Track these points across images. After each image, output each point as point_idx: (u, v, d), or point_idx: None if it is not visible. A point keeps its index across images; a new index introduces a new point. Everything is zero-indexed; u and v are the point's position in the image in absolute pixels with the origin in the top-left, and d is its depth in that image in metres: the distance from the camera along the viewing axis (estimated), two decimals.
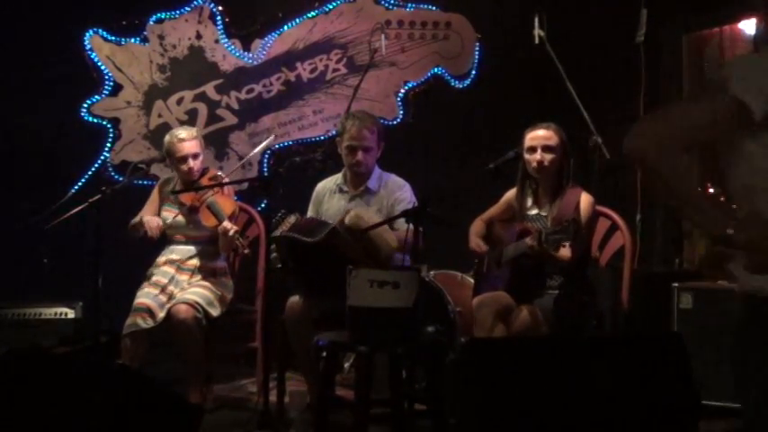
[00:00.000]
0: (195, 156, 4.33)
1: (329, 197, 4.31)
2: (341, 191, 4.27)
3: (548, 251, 3.52)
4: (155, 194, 4.50)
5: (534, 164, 3.79)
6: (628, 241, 3.94)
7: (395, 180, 4.26)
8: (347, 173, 4.28)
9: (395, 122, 5.54)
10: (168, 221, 4.34)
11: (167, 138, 4.38)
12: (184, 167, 4.32)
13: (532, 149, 3.80)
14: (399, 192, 4.19)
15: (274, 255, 4.01)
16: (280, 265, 4.02)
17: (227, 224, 4.19)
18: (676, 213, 2.94)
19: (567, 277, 3.74)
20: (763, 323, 1.89)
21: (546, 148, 3.78)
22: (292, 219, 4.06)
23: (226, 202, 4.33)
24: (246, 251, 4.21)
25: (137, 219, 4.38)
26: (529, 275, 3.72)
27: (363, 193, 4.22)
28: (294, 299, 4.03)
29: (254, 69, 5.64)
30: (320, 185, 4.39)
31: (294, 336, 3.99)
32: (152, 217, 4.35)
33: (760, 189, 1.87)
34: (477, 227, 4.03)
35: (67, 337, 4.64)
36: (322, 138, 5.57)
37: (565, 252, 3.61)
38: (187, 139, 4.32)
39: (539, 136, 3.81)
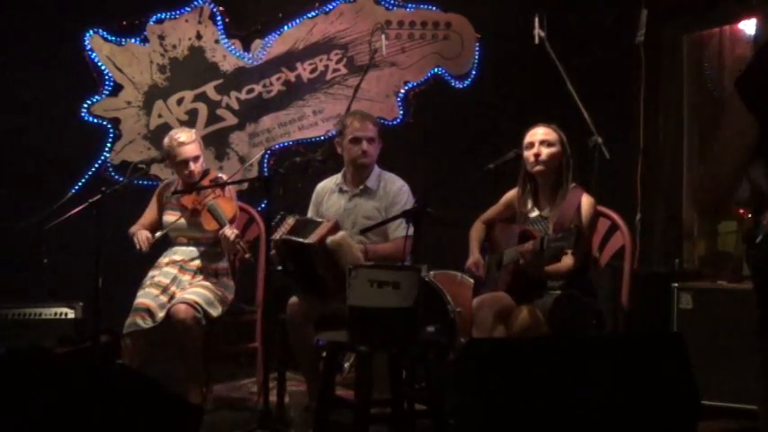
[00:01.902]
0: (196, 159, 4.32)
1: (329, 197, 4.33)
2: (341, 190, 4.29)
3: (542, 264, 3.52)
4: (154, 200, 4.49)
5: (532, 158, 3.78)
6: (628, 241, 3.94)
7: (394, 180, 4.27)
8: (347, 172, 4.29)
9: (395, 122, 5.54)
10: (169, 223, 4.32)
11: (166, 141, 4.36)
12: (185, 171, 4.31)
13: (530, 145, 3.80)
14: (398, 194, 4.21)
15: (274, 254, 4.02)
16: (279, 267, 4.03)
17: (227, 230, 4.17)
18: None
19: (569, 279, 3.73)
20: None
21: (544, 143, 3.78)
22: (291, 221, 4.06)
23: (227, 205, 4.31)
24: (248, 256, 4.19)
25: (135, 227, 4.38)
26: (529, 276, 3.72)
27: (363, 192, 4.23)
28: (295, 299, 4.03)
29: (255, 69, 5.64)
30: (320, 185, 4.41)
31: (295, 336, 4.00)
32: (141, 230, 4.32)
33: None
34: (477, 231, 4.02)
35: (67, 337, 4.63)
36: (322, 138, 5.56)
37: (567, 261, 3.59)
38: (187, 143, 4.30)
39: (537, 132, 3.82)
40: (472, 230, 4.03)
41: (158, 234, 4.32)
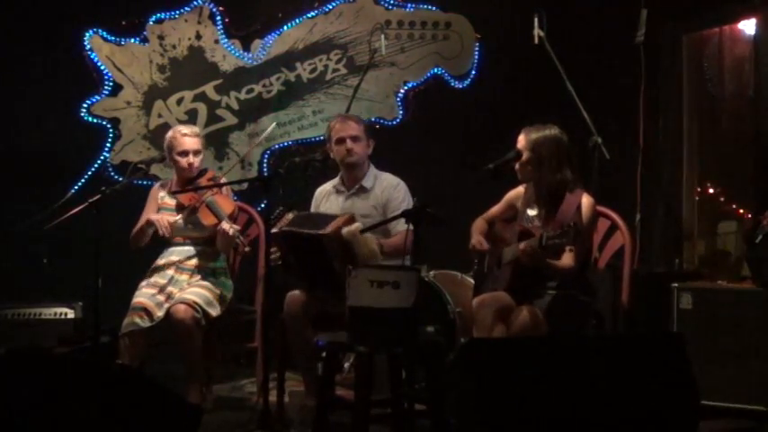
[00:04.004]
0: (196, 152, 4.34)
1: (326, 199, 4.37)
2: (337, 191, 4.33)
3: (543, 258, 3.50)
4: (151, 201, 4.47)
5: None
6: (627, 241, 3.94)
7: (390, 179, 4.29)
8: (342, 174, 4.32)
9: (394, 122, 5.54)
10: (171, 221, 4.33)
11: (169, 133, 4.39)
12: (184, 162, 4.32)
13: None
14: (394, 191, 4.23)
15: (274, 253, 4.02)
16: (279, 262, 4.03)
17: (225, 225, 4.18)
18: None
19: (567, 278, 3.72)
20: None
21: (519, 153, 3.77)
22: (290, 216, 4.07)
23: (225, 202, 4.33)
24: (247, 249, 4.22)
25: (140, 224, 4.36)
26: (529, 276, 3.71)
27: (359, 191, 4.26)
28: (293, 293, 4.04)
29: (254, 69, 5.64)
30: (318, 190, 4.46)
31: (292, 332, 4.00)
32: (160, 216, 4.32)
33: None
34: (478, 225, 4.02)
35: (67, 337, 4.63)
36: (322, 138, 5.54)
37: (567, 259, 3.59)
38: (190, 135, 4.34)
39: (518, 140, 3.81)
40: (473, 225, 4.02)
41: (177, 218, 4.31)
